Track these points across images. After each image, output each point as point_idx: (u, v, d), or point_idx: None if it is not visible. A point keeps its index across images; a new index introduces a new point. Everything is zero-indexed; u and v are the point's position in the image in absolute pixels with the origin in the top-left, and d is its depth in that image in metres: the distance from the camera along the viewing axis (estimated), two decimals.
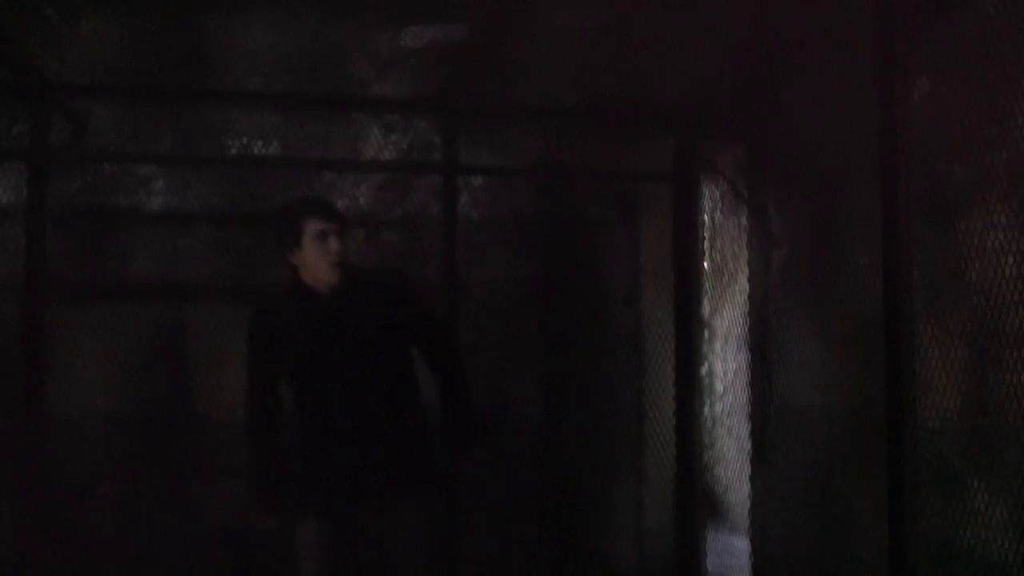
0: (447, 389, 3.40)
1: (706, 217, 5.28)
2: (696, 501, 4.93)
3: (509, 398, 5.18)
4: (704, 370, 5.38)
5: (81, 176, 4.95)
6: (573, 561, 5.33)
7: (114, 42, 4.97)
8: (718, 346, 6.84)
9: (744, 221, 4.92)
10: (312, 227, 3.21)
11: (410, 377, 3.38)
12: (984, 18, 3.29)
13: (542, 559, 5.20)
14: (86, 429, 4.76)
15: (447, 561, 4.72)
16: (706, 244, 5.25)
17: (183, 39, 5.04)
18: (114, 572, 4.68)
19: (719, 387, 6.74)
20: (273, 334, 3.30)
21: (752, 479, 4.74)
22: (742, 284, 4.94)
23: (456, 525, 4.75)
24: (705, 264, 5.26)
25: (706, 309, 5.50)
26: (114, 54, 4.96)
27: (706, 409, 5.33)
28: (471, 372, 4.58)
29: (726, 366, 6.62)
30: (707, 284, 5.31)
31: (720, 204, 5.24)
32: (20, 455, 4.49)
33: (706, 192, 5.29)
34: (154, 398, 4.87)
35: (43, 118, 4.61)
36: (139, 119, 4.98)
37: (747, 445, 4.82)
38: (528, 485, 5.17)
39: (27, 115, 4.63)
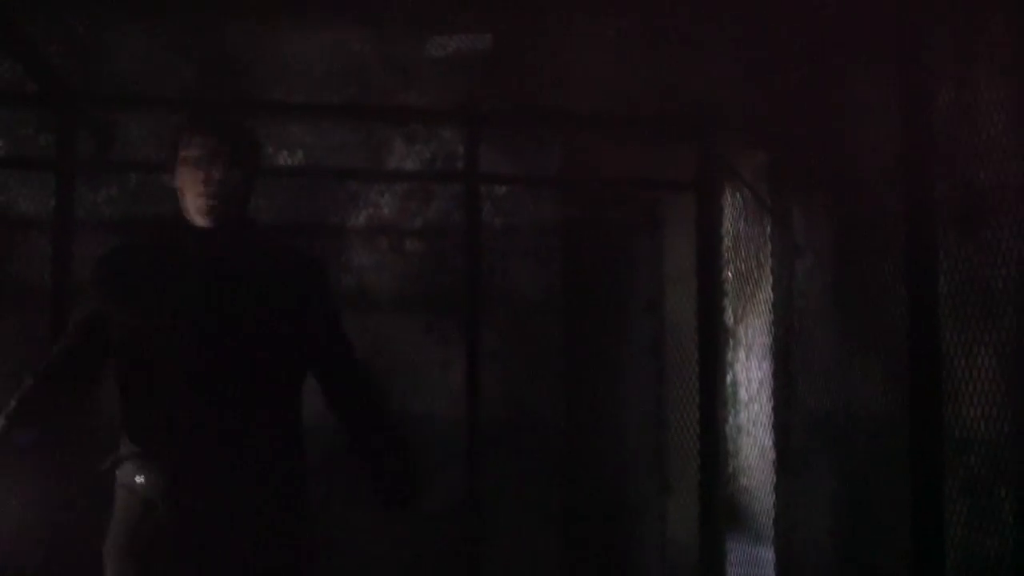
0: (366, 438, 2.53)
1: (729, 225, 5.26)
2: (720, 511, 4.90)
3: (531, 406, 5.17)
4: (729, 379, 5.36)
5: (107, 185, 4.99)
6: (596, 571, 5.31)
7: (139, 52, 5.01)
8: (742, 355, 6.81)
9: (768, 229, 4.90)
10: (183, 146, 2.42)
11: (298, 409, 2.47)
12: (1011, 24, 3.26)
13: (565, 569, 5.19)
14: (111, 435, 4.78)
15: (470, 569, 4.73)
16: (730, 252, 5.24)
17: (208, 49, 5.07)
18: None
19: (743, 396, 6.71)
20: (122, 275, 2.42)
21: (777, 488, 4.71)
22: (766, 293, 4.91)
23: (479, 534, 4.74)
24: (729, 273, 5.24)
25: (730, 318, 5.48)
26: (139, 64, 5.00)
27: (730, 418, 5.30)
28: (496, 381, 4.59)
29: (750, 375, 6.59)
30: (731, 293, 5.29)
31: (744, 212, 5.22)
32: (45, 463, 4.51)
33: (729, 200, 5.27)
34: None
35: (69, 128, 4.64)
36: (165, 129, 5.01)
37: (772, 454, 4.80)
38: (550, 494, 5.16)
39: (53, 125, 4.67)
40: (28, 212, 4.80)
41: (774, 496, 4.73)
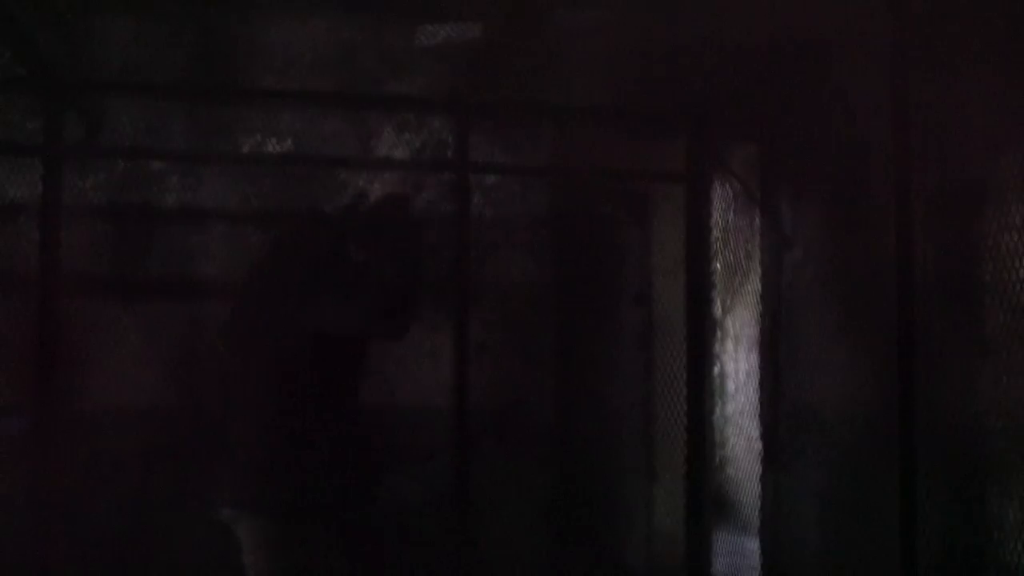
0: None
1: (719, 217, 5.26)
2: (706, 501, 4.92)
3: (520, 397, 5.18)
4: (716, 370, 5.36)
5: (95, 172, 4.97)
6: (583, 560, 5.33)
7: (129, 38, 4.99)
8: (730, 346, 6.82)
9: (757, 221, 4.91)
10: None
11: None
12: (1001, 15, 3.27)
13: (552, 558, 5.20)
14: (98, 425, 4.78)
15: (457, 560, 4.74)
16: (719, 244, 5.24)
17: (197, 36, 5.05)
18: (125, 570, 4.70)
19: (731, 387, 6.71)
20: None
21: (763, 479, 4.73)
22: (755, 284, 4.92)
23: (466, 524, 4.75)
24: (717, 264, 5.24)
25: (718, 309, 5.48)
26: (129, 50, 4.97)
27: (717, 409, 5.30)
28: (484, 372, 4.66)
29: (738, 366, 6.59)
30: (719, 284, 5.30)
31: (733, 204, 5.22)
32: (34, 451, 4.50)
33: (719, 192, 5.27)
34: (167, 394, 4.88)
35: (57, 114, 4.62)
36: (153, 116, 4.99)
37: (758, 445, 4.81)
38: (538, 484, 5.17)
39: (41, 111, 4.65)
40: (15, 198, 4.78)
41: (760, 487, 4.75)
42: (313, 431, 3.07)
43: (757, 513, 4.80)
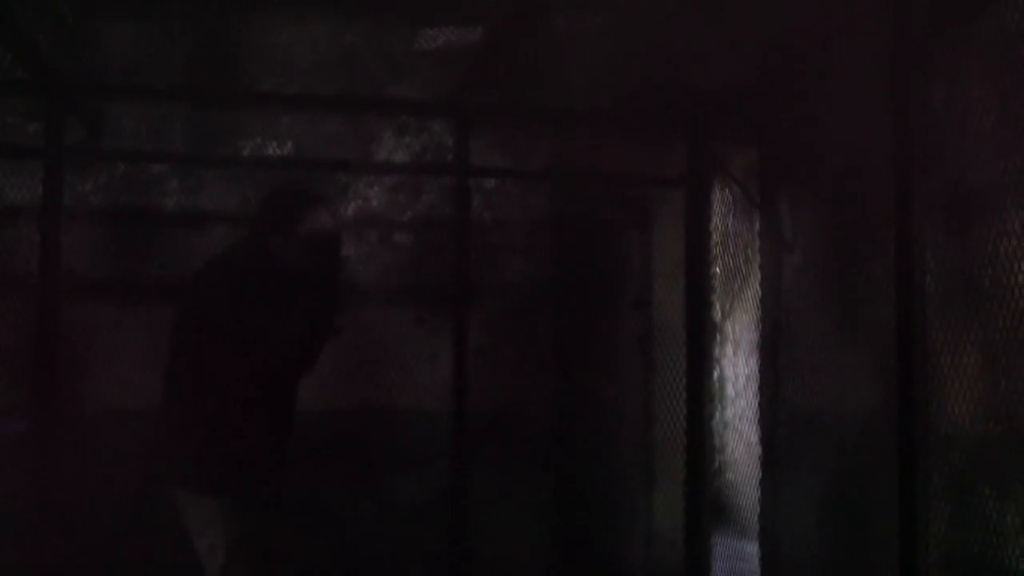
0: None
1: (719, 221, 5.27)
2: (706, 505, 4.92)
3: (519, 400, 5.18)
4: (716, 375, 5.36)
5: (95, 175, 4.98)
6: (583, 564, 5.33)
7: (129, 41, 4.99)
8: (730, 351, 6.83)
9: (757, 226, 4.91)
10: None
11: None
12: (1002, 22, 3.28)
13: (552, 562, 5.20)
14: (100, 428, 4.77)
15: (456, 563, 4.74)
16: (719, 248, 5.24)
17: (198, 39, 5.06)
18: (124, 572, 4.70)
19: (731, 391, 6.72)
20: None
21: (762, 483, 4.72)
22: (754, 289, 4.92)
23: (466, 527, 4.75)
24: (717, 268, 5.25)
25: (718, 314, 5.49)
26: (130, 53, 4.98)
27: (717, 413, 5.31)
28: (484, 375, 4.62)
29: (738, 371, 6.60)
30: (719, 288, 5.30)
31: (733, 208, 5.23)
32: (36, 454, 4.50)
33: (719, 196, 5.28)
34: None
35: (58, 116, 4.63)
36: (154, 119, 5.00)
37: (758, 450, 4.81)
38: (538, 488, 5.17)
39: (42, 113, 4.65)
40: (16, 201, 4.78)
41: (760, 491, 4.75)
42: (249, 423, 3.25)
43: (757, 517, 4.80)
